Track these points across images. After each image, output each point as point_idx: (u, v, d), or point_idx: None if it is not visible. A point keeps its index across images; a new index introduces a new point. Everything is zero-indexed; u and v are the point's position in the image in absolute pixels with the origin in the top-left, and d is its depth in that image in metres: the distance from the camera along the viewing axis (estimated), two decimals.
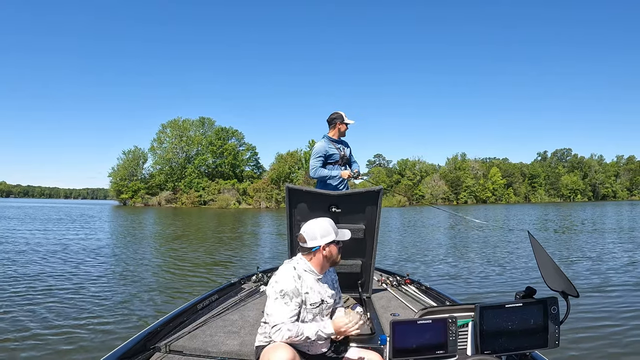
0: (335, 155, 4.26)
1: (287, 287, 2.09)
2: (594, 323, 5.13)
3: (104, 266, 9.50)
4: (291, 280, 2.12)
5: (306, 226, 2.23)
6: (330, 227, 2.21)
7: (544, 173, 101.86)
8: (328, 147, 4.22)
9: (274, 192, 68.34)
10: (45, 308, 5.86)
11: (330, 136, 4.32)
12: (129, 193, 73.55)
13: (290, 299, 2.07)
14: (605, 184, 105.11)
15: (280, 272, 2.19)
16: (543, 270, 1.88)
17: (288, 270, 2.17)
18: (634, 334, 4.74)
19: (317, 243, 2.17)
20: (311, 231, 2.19)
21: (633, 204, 63.54)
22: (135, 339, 2.60)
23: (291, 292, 2.08)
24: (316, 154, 4.20)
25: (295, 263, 2.23)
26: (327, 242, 2.18)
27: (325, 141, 4.27)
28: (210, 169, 75.28)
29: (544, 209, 49.93)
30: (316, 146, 4.27)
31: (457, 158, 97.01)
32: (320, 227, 2.20)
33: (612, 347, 4.39)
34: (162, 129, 77.25)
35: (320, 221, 2.23)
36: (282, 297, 2.07)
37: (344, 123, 4.29)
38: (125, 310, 5.79)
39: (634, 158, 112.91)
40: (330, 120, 4.32)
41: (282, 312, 2.04)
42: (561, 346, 1.91)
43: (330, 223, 2.23)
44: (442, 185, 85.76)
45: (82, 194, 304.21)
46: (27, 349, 4.35)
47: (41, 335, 4.73)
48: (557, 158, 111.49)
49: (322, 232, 2.18)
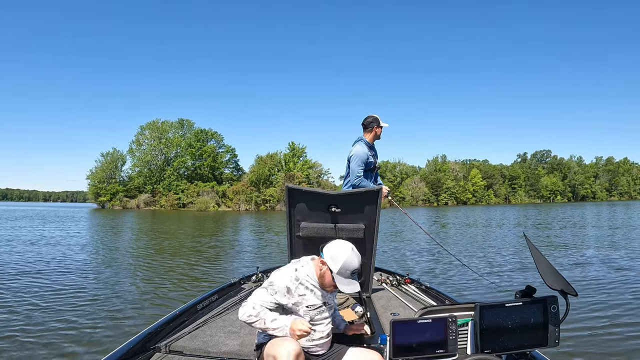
0: (371, 162, 4.09)
1: (278, 282, 2.12)
2: (594, 322, 5.16)
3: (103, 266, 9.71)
4: (286, 278, 2.14)
5: (339, 241, 2.22)
6: (345, 261, 2.13)
7: (523, 174, 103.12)
8: (368, 153, 4.04)
9: (253, 194, 68.11)
10: (45, 308, 5.94)
11: (368, 140, 4.12)
12: (107, 196, 72.72)
13: (275, 292, 2.10)
14: (584, 185, 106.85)
15: (283, 268, 2.24)
16: (541, 271, 1.87)
17: (289, 269, 2.21)
18: (634, 333, 4.78)
19: (325, 257, 2.17)
20: (335, 247, 2.18)
21: (612, 205, 64.64)
22: (135, 340, 2.58)
23: (278, 288, 2.11)
24: (360, 160, 3.99)
25: (300, 265, 2.23)
26: (330, 265, 2.14)
27: (364, 146, 4.07)
28: (190, 171, 74.66)
29: (524, 210, 50.49)
30: (358, 151, 4.04)
31: (438, 160, 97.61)
32: (339, 252, 2.15)
33: (612, 345, 4.41)
34: (140, 130, 76.70)
35: (346, 249, 2.17)
36: (269, 286, 2.12)
37: (380, 127, 4.13)
38: (125, 311, 5.87)
39: (612, 159, 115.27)
40: (366, 123, 4.14)
41: (260, 296, 2.11)
42: (561, 345, 1.91)
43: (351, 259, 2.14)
44: (422, 187, 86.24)
45: (61, 197, 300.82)
46: (28, 349, 4.40)
47: (41, 336, 4.79)
48: (536, 159, 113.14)
49: (337, 256, 2.14)
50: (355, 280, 2.15)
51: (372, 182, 4.21)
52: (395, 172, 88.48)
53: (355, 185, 3.99)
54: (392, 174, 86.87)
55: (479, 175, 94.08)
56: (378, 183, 4.31)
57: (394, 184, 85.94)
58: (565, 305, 1.85)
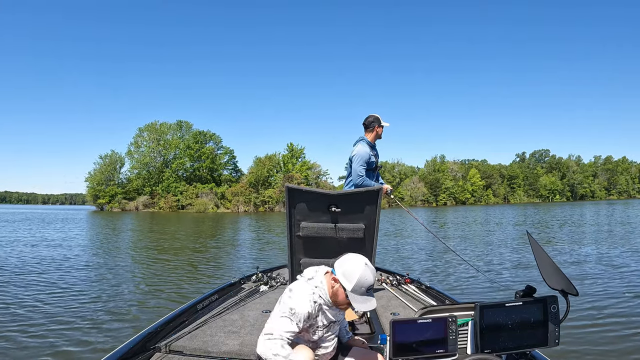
0: (373, 162, 4.11)
1: (300, 310, 2.01)
2: (594, 321, 5.17)
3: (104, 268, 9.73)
4: (306, 304, 2.03)
5: (351, 257, 2.05)
6: (360, 278, 1.96)
7: (522, 174, 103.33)
8: (370, 153, 4.06)
9: (252, 195, 68.13)
10: (45, 309, 5.95)
11: (369, 140, 4.14)
12: (106, 198, 72.70)
13: (298, 320, 2.01)
14: (583, 184, 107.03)
15: (301, 290, 2.07)
16: (542, 270, 1.86)
17: (306, 292, 2.07)
18: (634, 332, 4.77)
19: (338, 275, 2.02)
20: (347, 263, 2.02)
21: (611, 203, 64.81)
22: (135, 339, 2.59)
23: (301, 315, 2.02)
24: (362, 159, 4.00)
25: (314, 285, 2.10)
26: (343, 283, 1.99)
27: (366, 145, 4.09)
28: (188, 172, 74.62)
29: (523, 209, 50.52)
30: (360, 150, 4.05)
31: (436, 160, 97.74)
32: (352, 268, 1.99)
33: (613, 345, 4.40)
34: (139, 132, 76.59)
35: (359, 265, 2.00)
36: (292, 315, 2.01)
37: (381, 126, 4.15)
38: (125, 311, 5.88)
39: (611, 158, 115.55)
40: (368, 123, 4.16)
41: (284, 326, 2.00)
42: (561, 344, 1.91)
43: (365, 275, 1.97)
44: (421, 187, 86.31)
45: (60, 200, 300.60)
46: (27, 349, 4.39)
47: (41, 336, 4.79)
48: (535, 159, 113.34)
49: (350, 273, 1.98)
50: (371, 297, 2.01)
51: (374, 181, 4.19)
52: (394, 173, 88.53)
53: (358, 185, 3.97)
54: (391, 174, 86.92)
55: (477, 175, 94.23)
56: (380, 183, 4.29)
57: (392, 185, 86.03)
58: (565, 305, 1.85)
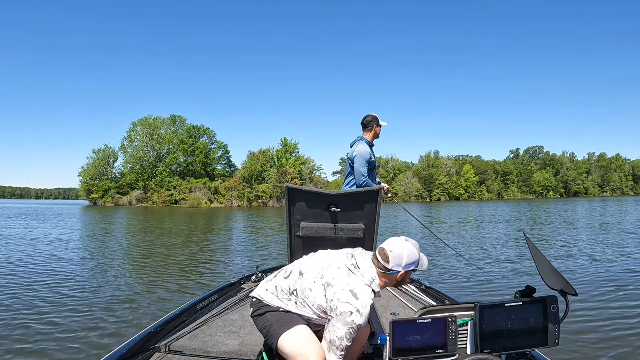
0: (373, 161, 4.10)
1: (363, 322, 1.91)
2: (594, 321, 5.14)
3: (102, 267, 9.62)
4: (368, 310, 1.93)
5: (394, 246, 2.00)
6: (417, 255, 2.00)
7: (516, 170, 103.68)
8: (370, 153, 4.05)
9: (245, 190, 68.08)
10: (44, 309, 5.91)
11: (368, 140, 4.15)
12: (99, 193, 72.53)
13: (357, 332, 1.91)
14: (577, 181, 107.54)
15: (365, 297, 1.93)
16: (541, 270, 1.86)
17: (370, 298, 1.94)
18: (634, 332, 4.75)
19: (399, 268, 1.97)
20: (399, 255, 1.97)
21: (604, 200, 64.98)
22: (135, 340, 2.59)
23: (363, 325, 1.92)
24: (364, 159, 3.98)
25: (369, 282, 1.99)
26: (408, 269, 2.00)
27: (366, 145, 4.09)
28: (182, 167, 74.44)
29: (517, 205, 50.68)
30: (362, 151, 4.04)
31: (431, 156, 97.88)
32: (409, 255, 1.97)
33: (613, 345, 4.38)
34: (132, 127, 76.29)
35: (410, 247, 2.00)
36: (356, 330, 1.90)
37: (379, 125, 4.15)
38: (125, 311, 5.85)
39: (605, 155, 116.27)
40: (366, 123, 4.15)
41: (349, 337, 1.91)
42: (561, 345, 1.91)
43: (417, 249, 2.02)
44: (415, 183, 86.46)
45: (53, 194, 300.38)
46: (27, 350, 4.37)
47: (41, 336, 4.77)
48: (529, 155, 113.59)
49: (409, 260, 1.97)
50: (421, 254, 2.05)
51: (373, 181, 4.20)
52: (388, 168, 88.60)
53: (361, 185, 3.96)
54: (385, 170, 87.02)
55: (471, 171, 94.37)
56: (377, 182, 4.31)
57: (386, 180, 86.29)
58: (565, 305, 1.85)
